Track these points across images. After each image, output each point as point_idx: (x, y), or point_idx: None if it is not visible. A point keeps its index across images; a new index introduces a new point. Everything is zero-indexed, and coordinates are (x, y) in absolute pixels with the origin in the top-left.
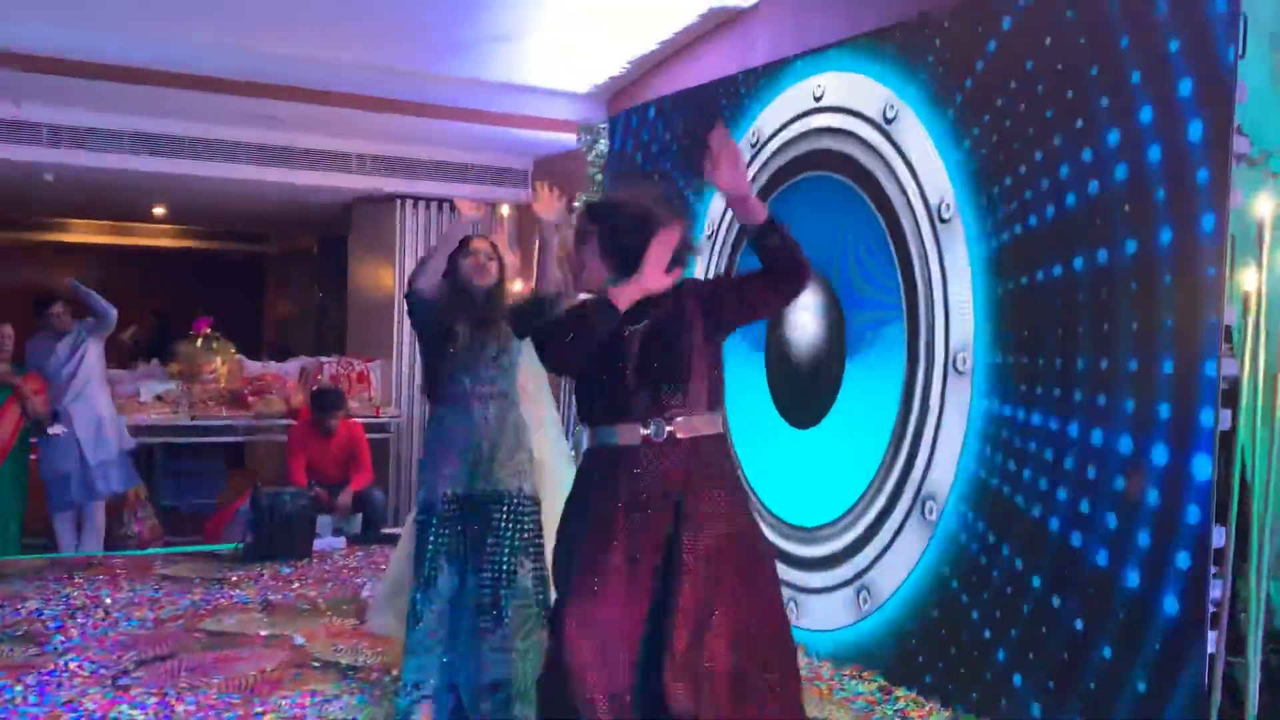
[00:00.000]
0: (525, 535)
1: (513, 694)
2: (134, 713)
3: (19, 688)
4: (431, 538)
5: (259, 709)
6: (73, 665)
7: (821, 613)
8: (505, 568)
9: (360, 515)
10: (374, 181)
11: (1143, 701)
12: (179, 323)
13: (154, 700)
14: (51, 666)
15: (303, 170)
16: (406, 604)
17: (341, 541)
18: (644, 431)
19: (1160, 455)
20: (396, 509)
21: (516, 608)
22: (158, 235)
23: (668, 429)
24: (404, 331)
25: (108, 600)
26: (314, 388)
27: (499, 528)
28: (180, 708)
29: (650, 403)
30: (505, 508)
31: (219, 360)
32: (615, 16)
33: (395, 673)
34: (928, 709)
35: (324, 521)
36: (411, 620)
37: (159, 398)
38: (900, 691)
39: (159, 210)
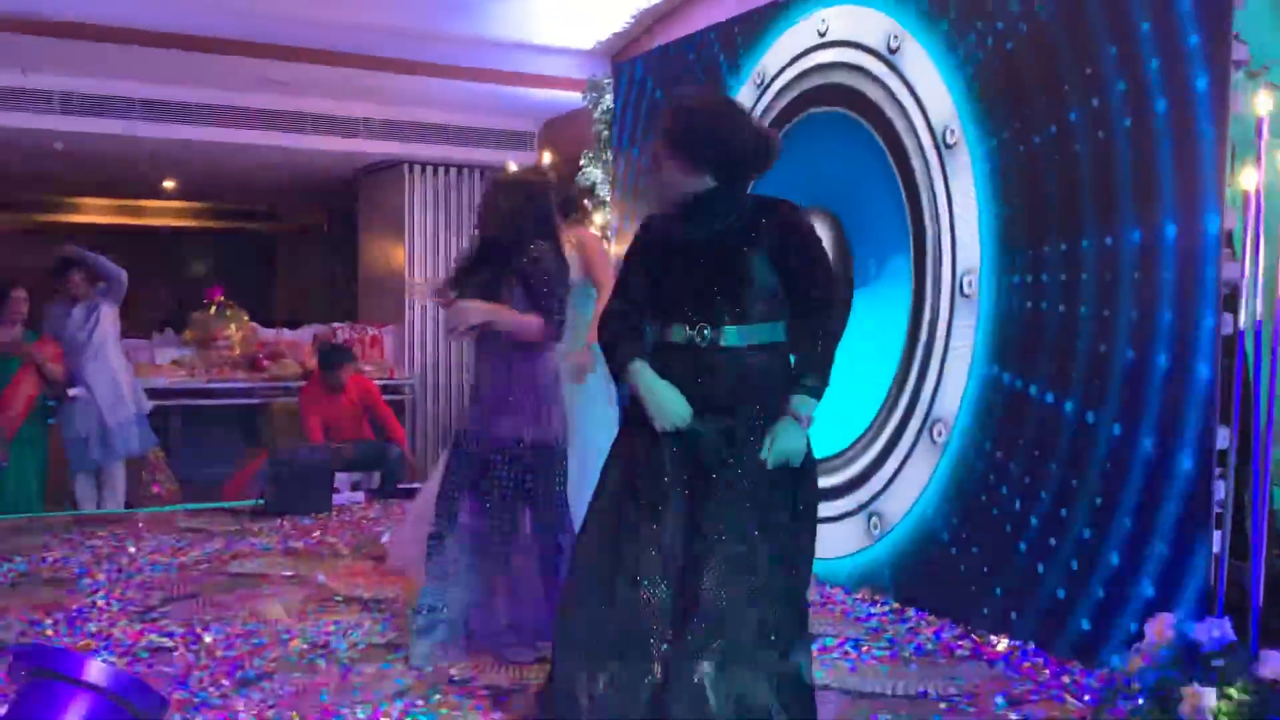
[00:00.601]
0: (528, 484)
1: (527, 637)
2: (163, 640)
3: (48, 622)
4: (454, 471)
5: (285, 636)
6: (100, 603)
7: (833, 541)
8: (507, 515)
9: (378, 471)
10: (382, 146)
11: (1150, 605)
12: (192, 301)
13: (181, 630)
14: (79, 605)
15: (310, 135)
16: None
17: (360, 496)
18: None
19: (1163, 361)
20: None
21: (521, 555)
22: (169, 215)
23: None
24: (415, 298)
25: (131, 549)
26: (321, 344)
27: (499, 475)
28: (208, 637)
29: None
30: (505, 455)
31: (233, 327)
32: None
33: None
34: (939, 625)
35: (342, 478)
36: (432, 548)
37: (175, 362)
38: (911, 611)
39: (169, 184)
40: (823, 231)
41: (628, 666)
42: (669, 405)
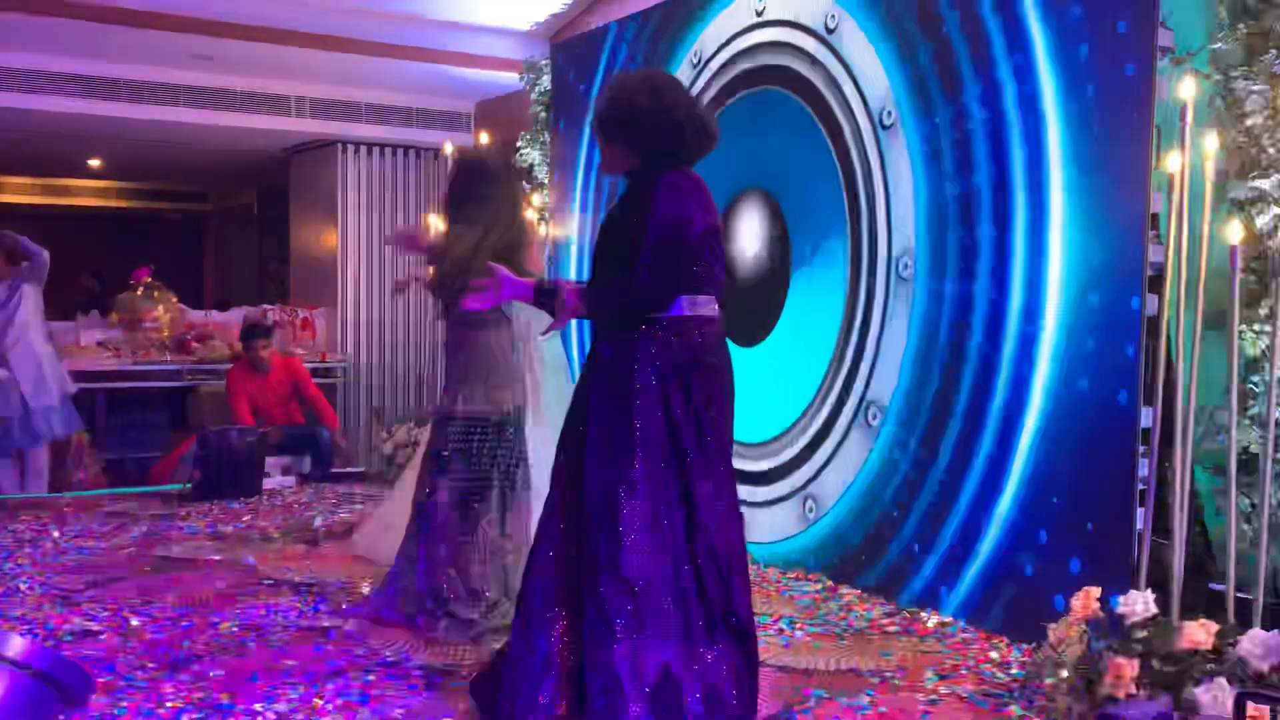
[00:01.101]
0: (445, 454)
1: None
2: (88, 624)
3: None
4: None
5: (214, 619)
6: (23, 587)
7: (769, 525)
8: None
9: (309, 455)
10: (313, 125)
11: (1077, 580)
12: (119, 282)
13: (107, 614)
14: (2, 589)
15: (240, 113)
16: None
17: (291, 480)
18: None
19: (1090, 343)
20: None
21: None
22: (95, 195)
23: None
24: (348, 280)
25: (55, 534)
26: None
27: (470, 449)
28: (135, 620)
29: None
30: (440, 425)
31: (160, 308)
32: None
33: (367, 587)
34: (871, 604)
35: (272, 462)
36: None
37: (101, 344)
38: (844, 589)
39: (95, 162)
40: (758, 212)
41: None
42: None
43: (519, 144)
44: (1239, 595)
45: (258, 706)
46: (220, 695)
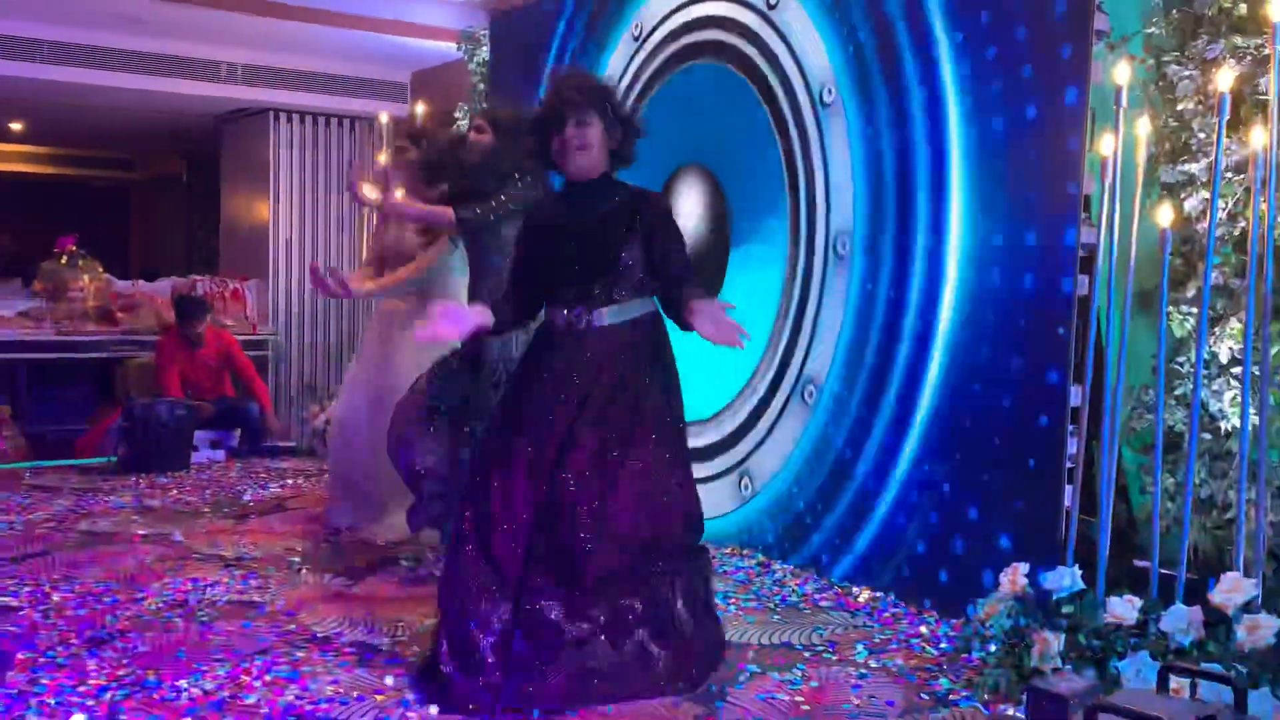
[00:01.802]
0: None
1: None
2: (7, 599)
3: None
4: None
5: (139, 595)
6: None
7: (706, 502)
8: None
9: (239, 429)
10: (245, 92)
11: (1005, 556)
12: (41, 250)
13: (28, 589)
14: None
15: (169, 78)
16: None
17: (221, 454)
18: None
19: (1023, 322)
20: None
21: None
22: (16, 159)
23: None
24: (279, 250)
25: None
26: (177, 296)
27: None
28: (56, 596)
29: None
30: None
31: (86, 278)
32: None
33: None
34: (804, 579)
35: (201, 435)
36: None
37: (22, 314)
38: (778, 565)
39: (16, 126)
40: (698, 188)
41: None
42: None
43: (456, 115)
44: (1162, 571)
45: (183, 684)
46: (145, 672)
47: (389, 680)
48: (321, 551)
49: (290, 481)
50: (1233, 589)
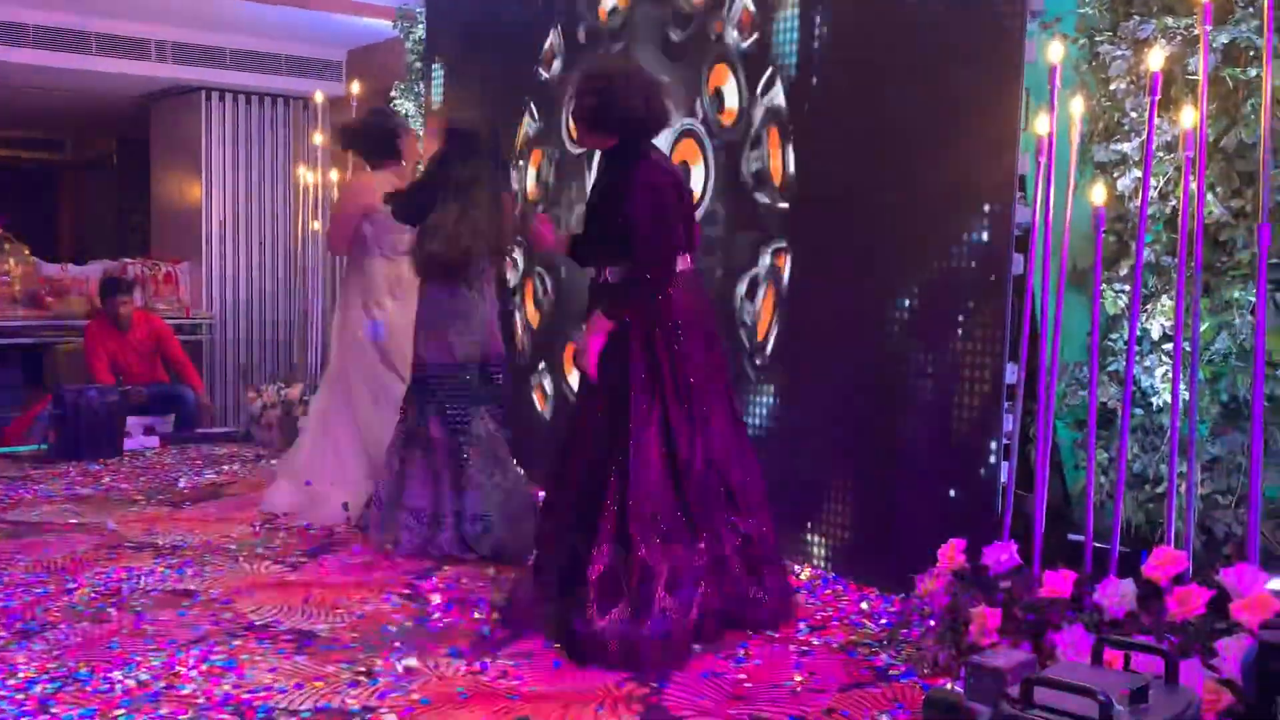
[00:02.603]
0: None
1: (490, 524)
2: None
3: None
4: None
5: (70, 585)
6: None
7: None
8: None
9: (173, 415)
10: (175, 71)
11: (943, 533)
12: None
13: None
14: None
15: (96, 56)
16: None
17: (154, 441)
18: None
19: (960, 299)
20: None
21: (477, 453)
22: None
23: None
24: (213, 232)
25: None
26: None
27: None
28: None
29: None
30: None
31: (12, 261)
32: None
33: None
34: None
35: (133, 422)
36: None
37: None
38: None
39: None
40: None
41: None
42: None
43: (393, 93)
44: (1097, 545)
45: (116, 675)
46: (76, 665)
47: (329, 667)
48: (258, 538)
49: (226, 468)
50: (1164, 561)
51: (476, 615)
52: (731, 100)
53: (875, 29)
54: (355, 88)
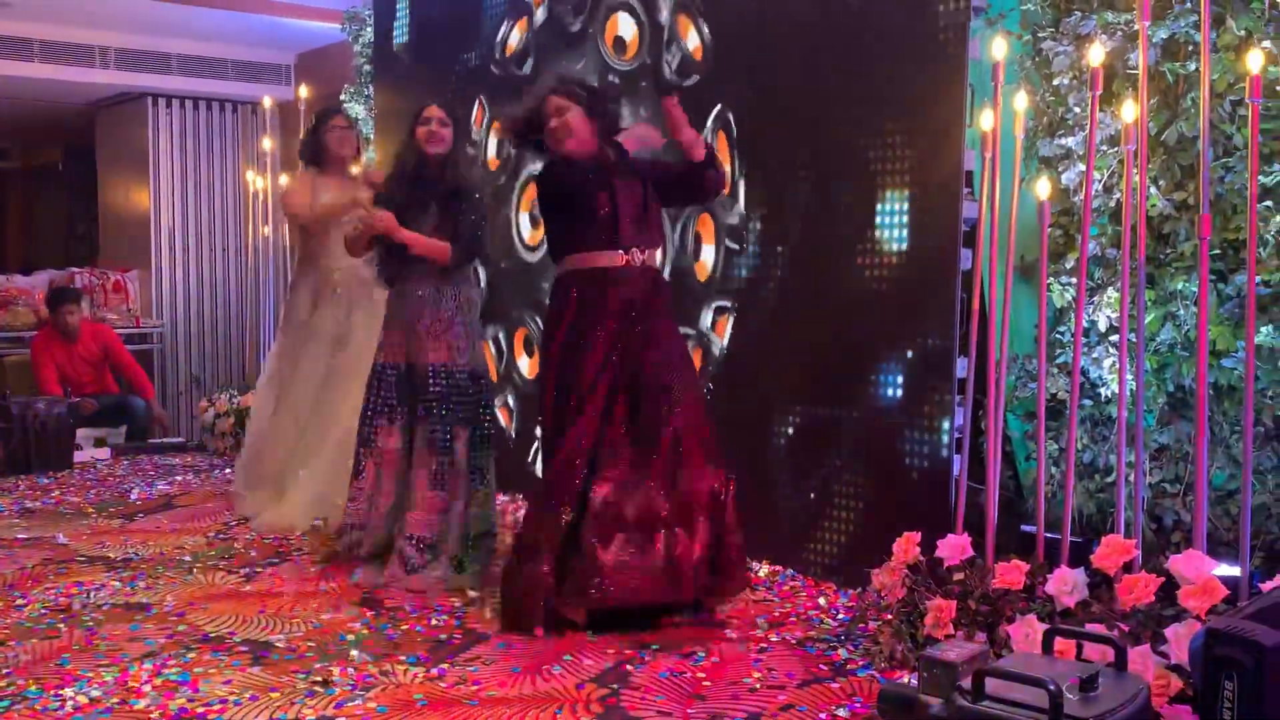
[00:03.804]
0: (463, 407)
1: (443, 553)
2: None
3: None
4: (372, 399)
5: (19, 601)
6: None
7: None
8: (442, 435)
9: (124, 426)
10: (121, 77)
11: (898, 526)
12: None
13: None
14: None
15: (40, 64)
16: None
17: (105, 452)
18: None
19: (910, 294)
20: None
21: (453, 474)
22: None
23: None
24: (162, 240)
25: None
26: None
27: (436, 397)
28: None
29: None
30: (442, 379)
31: None
32: None
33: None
34: None
35: (84, 433)
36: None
37: None
38: None
39: None
40: None
41: None
42: None
43: (342, 97)
44: (1048, 535)
45: (67, 692)
46: (26, 682)
47: (286, 677)
48: (212, 549)
49: (179, 478)
50: (1114, 550)
51: (434, 621)
52: None
53: (820, 25)
54: (304, 92)
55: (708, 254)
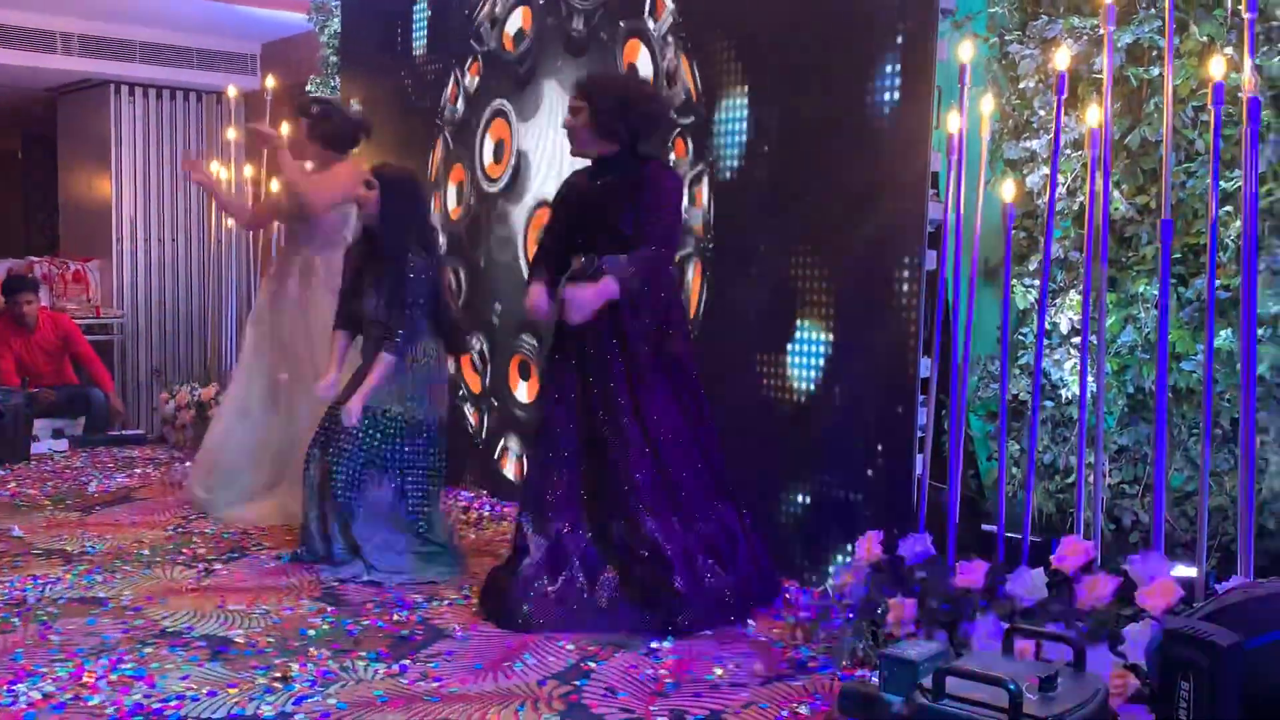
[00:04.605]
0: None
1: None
2: None
3: None
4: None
5: None
6: None
7: None
8: (357, 479)
9: (83, 417)
10: (83, 64)
11: (861, 525)
12: None
13: None
14: None
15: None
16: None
17: (63, 444)
18: None
19: (875, 294)
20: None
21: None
22: None
23: None
24: (123, 230)
25: None
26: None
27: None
28: None
29: None
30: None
31: None
32: None
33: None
34: None
35: (41, 424)
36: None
37: None
38: None
39: None
40: None
41: None
42: None
43: (308, 88)
44: (1009, 535)
45: (20, 688)
46: None
47: (245, 672)
48: (171, 543)
49: (138, 471)
50: (1073, 551)
51: (396, 618)
52: None
53: (788, 26)
54: (270, 82)
55: None
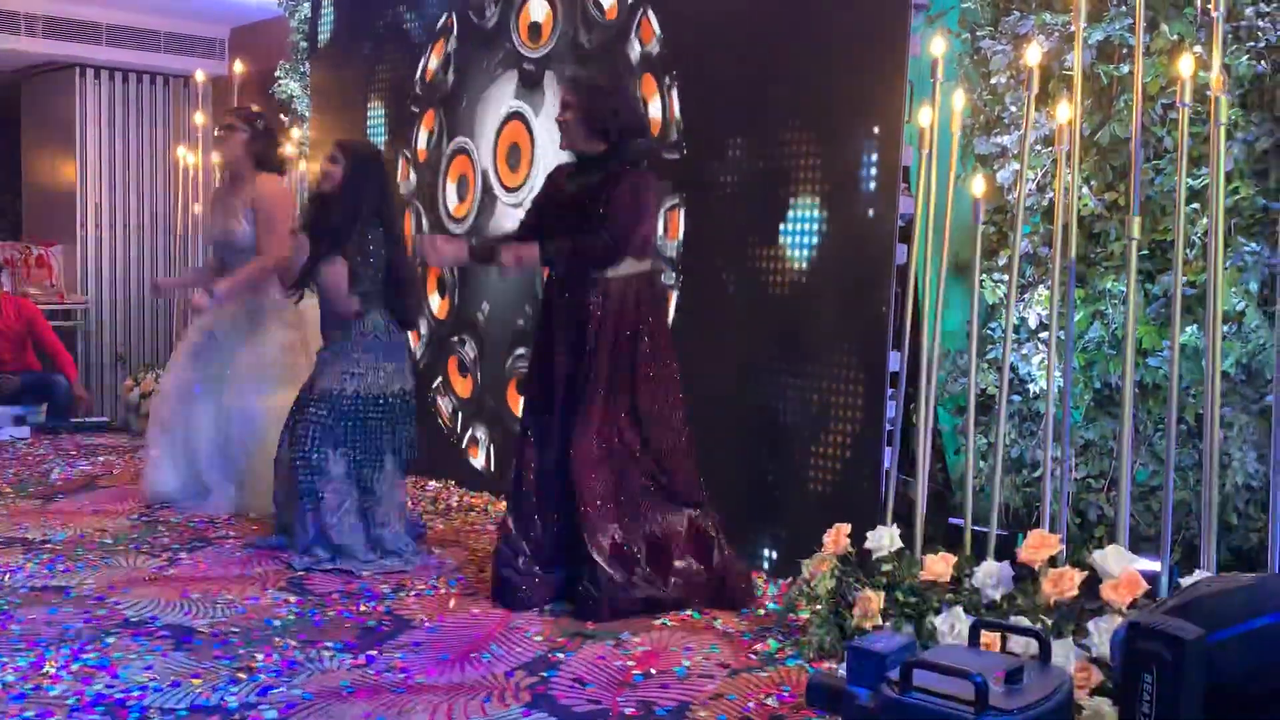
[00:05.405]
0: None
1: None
2: None
3: None
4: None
5: None
6: None
7: None
8: (318, 462)
9: (45, 404)
10: (48, 46)
11: (829, 518)
12: None
13: None
14: None
15: None
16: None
17: (25, 431)
18: None
19: (848, 288)
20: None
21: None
22: None
23: None
24: (88, 215)
25: None
26: None
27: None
28: None
29: None
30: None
31: None
32: None
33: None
34: None
35: (2, 411)
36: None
37: None
38: None
39: None
40: None
41: None
42: None
43: (277, 74)
44: (976, 529)
45: None
46: None
47: (208, 662)
48: (135, 531)
49: (101, 458)
50: (1039, 544)
51: (362, 608)
52: None
53: (761, 21)
54: (238, 67)
55: None
